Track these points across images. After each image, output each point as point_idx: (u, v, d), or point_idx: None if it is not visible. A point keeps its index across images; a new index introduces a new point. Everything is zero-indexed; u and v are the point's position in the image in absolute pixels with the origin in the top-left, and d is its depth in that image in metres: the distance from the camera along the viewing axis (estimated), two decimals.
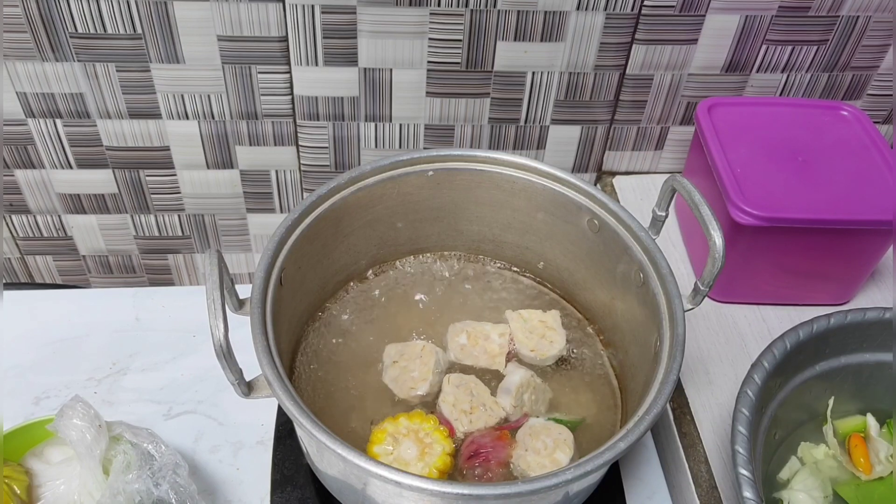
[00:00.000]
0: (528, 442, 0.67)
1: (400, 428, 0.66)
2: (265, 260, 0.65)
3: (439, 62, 0.89)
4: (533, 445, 0.66)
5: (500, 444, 0.66)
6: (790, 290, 0.85)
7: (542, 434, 0.67)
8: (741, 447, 0.61)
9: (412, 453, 0.65)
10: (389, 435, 0.66)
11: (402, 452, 0.65)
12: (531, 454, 0.66)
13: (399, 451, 0.65)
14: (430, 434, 0.66)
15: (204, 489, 0.74)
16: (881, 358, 0.72)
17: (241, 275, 1.11)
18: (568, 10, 0.85)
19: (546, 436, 0.67)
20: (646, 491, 0.76)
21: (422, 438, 0.65)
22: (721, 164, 0.82)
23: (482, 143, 0.98)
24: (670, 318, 0.64)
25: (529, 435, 0.67)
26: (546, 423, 0.69)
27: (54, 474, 0.66)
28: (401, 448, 0.65)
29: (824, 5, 0.87)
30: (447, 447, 0.65)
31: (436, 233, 0.82)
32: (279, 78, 0.89)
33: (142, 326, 0.87)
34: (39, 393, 0.80)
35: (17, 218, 1.01)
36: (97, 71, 0.87)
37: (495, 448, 0.66)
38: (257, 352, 0.59)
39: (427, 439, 0.65)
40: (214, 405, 0.80)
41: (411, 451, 0.65)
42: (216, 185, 0.99)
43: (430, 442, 0.65)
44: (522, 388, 0.70)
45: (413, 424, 0.66)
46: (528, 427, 0.68)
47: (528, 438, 0.67)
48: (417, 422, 0.67)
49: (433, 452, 0.65)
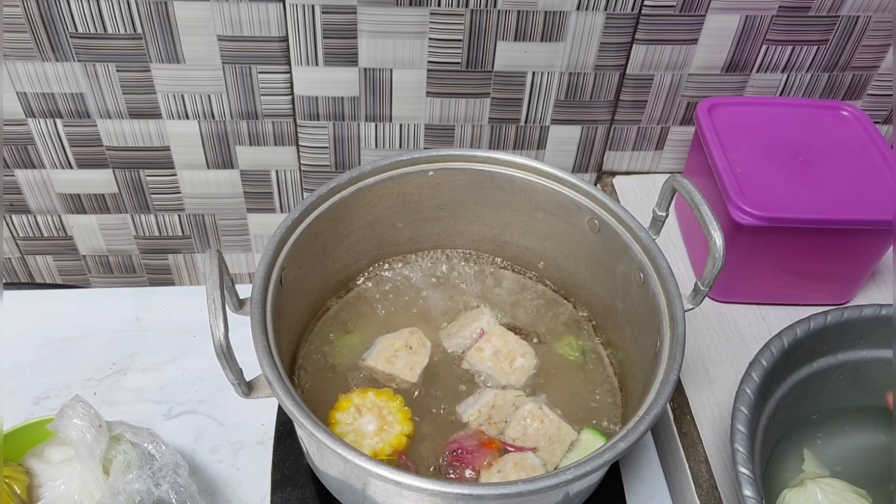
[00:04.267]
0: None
1: (366, 401, 0.68)
2: (265, 260, 0.65)
3: (439, 62, 0.89)
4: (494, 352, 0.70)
5: (483, 451, 0.66)
6: (790, 290, 0.85)
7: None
8: (741, 445, 0.61)
9: (371, 428, 0.66)
10: (354, 406, 0.67)
11: (362, 425, 0.67)
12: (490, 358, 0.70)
13: (359, 422, 0.67)
14: (393, 413, 0.67)
15: (204, 489, 0.74)
16: (878, 354, 0.73)
17: (241, 275, 1.11)
18: (568, 10, 0.85)
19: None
20: (646, 491, 0.77)
21: (384, 416, 0.67)
22: (721, 164, 0.82)
23: (482, 143, 0.98)
24: (670, 318, 0.64)
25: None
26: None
27: (54, 474, 0.66)
28: (362, 420, 0.67)
29: (824, 5, 0.87)
30: (406, 428, 0.67)
31: (436, 233, 0.82)
32: (279, 78, 0.89)
33: (142, 326, 0.87)
34: (39, 393, 0.80)
35: (17, 218, 1.01)
36: (97, 71, 0.87)
37: (475, 454, 0.66)
38: (257, 352, 0.59)
39: (389, 417, 0.67)
40: (214, 405, 0.80)
41: (371, 425, 0.67)
42: (216, 185, 0.99)
43: (392, 421, 0.67)
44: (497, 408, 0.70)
45: (379, 401, 0.68)
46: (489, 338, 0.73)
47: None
48: (384, 399, 0.68)
49: (391, 431, 0.66)
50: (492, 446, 0.66)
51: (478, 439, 0.67)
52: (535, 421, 0.68)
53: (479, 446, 0.66)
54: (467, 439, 0.67)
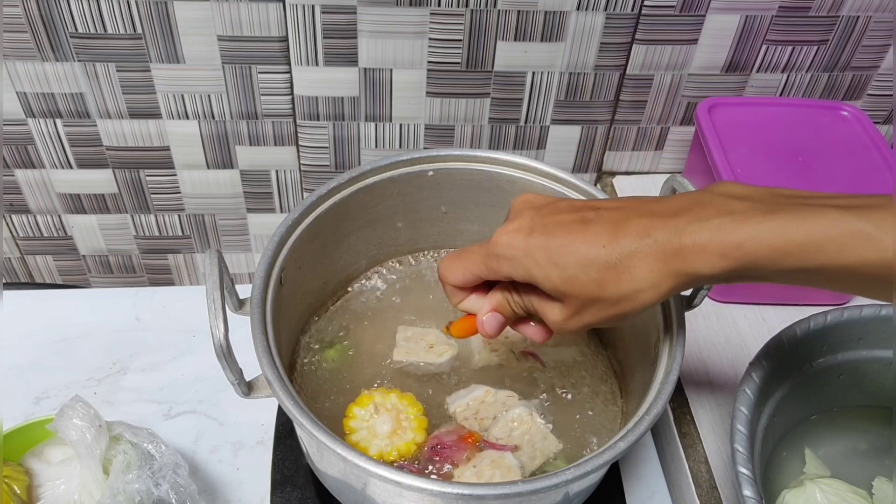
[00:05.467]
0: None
1: (387, 402, 0.67)
2: (265, 260, 0.65)
3: (439, 62, 0.89)
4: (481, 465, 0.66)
5: (462, 446, 0.66)
6: (790, 290, 0.85)
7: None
8: (741, 445, 0.61)
9: (385, 429, 0.66)
10: (374, 403, 0.67)
11: (377, 424, 0.66)
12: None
13: (374, 421, 0.66)
14: (410, 420, 0.67)
15: (204, 489, 0.74)
16: (878, 355, 0.73)
17: (241, 275, 1.11)
18: (568, 10, 0.85)
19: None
20: (646, 491, 0.76)
21: (401, 420, 0.67)
22: (721, 164, 0.82)
23: (482, 143, 0.98)
24: (670, 318, 0.64)
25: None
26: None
27: (54, 474, 0.65)
28: (378, 419, 0.66)
29: (824, 5, 0.87)
30: (418, 437, 0.66)
31: (436, 233, 0.82)
32: (279, 78, 0.89)
33: (142, 326, 0.87)
34: (39, 393, 0.80)
35: (17, 218, 1.01)
36: (97, 71, 0.87)
37: (453, 449, 0.66)
38: (257, 352, 0.59)
39: (405, 423, 0.66)
40: (214, 405, 0.80)
41: (386, 426, 0.66)
42: (216, 185, 0.99)
43: (406, 427, 0.66)
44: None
45: (400, 404, 0.67)
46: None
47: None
48: (405, 403, 0.68)
49: (403, 436, 0.66)
50: (470, 440, 0.67)
51: (457, 434, 0.67)
52: (523, 425, 0.68)
53: (458, 441, 0.66)
54: (447, 435, 0.67)
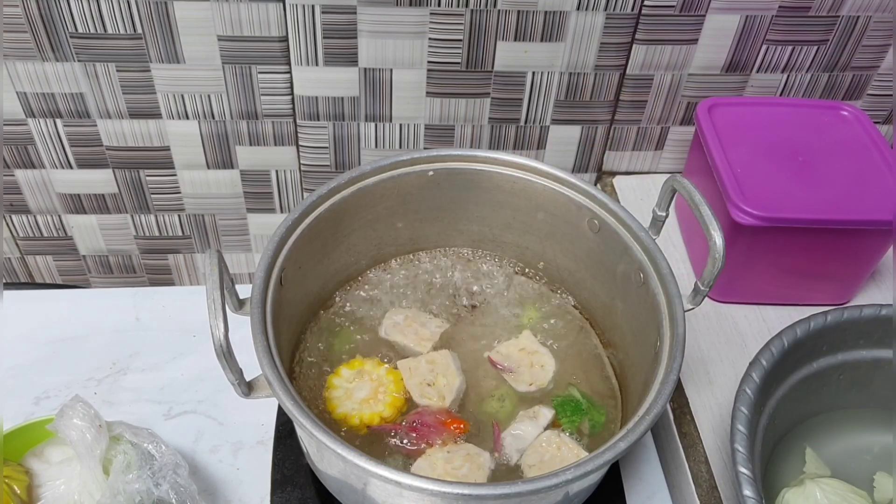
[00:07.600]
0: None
1: (374, 372, 0.71)
2: (265, 260, 0.65)
3: (439, 62, 0.89)
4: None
5: (440, 429, 0.67)
6: (790, 290, 0.85)
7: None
8: (740, 445, 0.61)
9: (360, 395, 0.69)
10: (362, 369, 0.71)
11: (355, 388, 0.69)
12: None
13: (355, 384, 0.70)
14: (386, 395, 0.69)
15: (204, 489, 0.74)
16: (878, 355, 0.73)
17: (241, 275, 1.11)
18: (568, 10, 0.85)
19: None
20: (646, 491, 0.77)
21: (378, 392, 0.69)
22: (721, 164, 0.82)
23: (482, 143, 0.98)
24: (670, 318, 0.64)
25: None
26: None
27: (54, 474, 0.66)
28: (358, 384, 0.70)
29: (824, 5, 0.87)
30: (386, 412, 0.68)
31: (436, 233, 0.82)
32: (279, 78, 0.89)
33: (142, 326, 0.87)
34: (39, 393, 0.80)
35: (17, 218, 1.01)
36: (97, 71, 0.87)
37: (431, 429, 0.67)
38: (257, 352, 0.59)
39: (381, 396, 0.69)
40: (214, 405, 0.80)
41: (362, 392, 0.69)
42: (216, 185, 0.99)
43: (380, 400, 0.69)
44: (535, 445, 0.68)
45: (386, 378, 0.70)
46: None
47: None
48: (390, 379, 0.70)
49: (372, 407, 0.68)
50: (451, 426, 0.67)
51: (441, 417, 0.68)
52: (551, 446, 0.68)
53: (438, 423, 0.67)
54: (430, 415, 0.68)
